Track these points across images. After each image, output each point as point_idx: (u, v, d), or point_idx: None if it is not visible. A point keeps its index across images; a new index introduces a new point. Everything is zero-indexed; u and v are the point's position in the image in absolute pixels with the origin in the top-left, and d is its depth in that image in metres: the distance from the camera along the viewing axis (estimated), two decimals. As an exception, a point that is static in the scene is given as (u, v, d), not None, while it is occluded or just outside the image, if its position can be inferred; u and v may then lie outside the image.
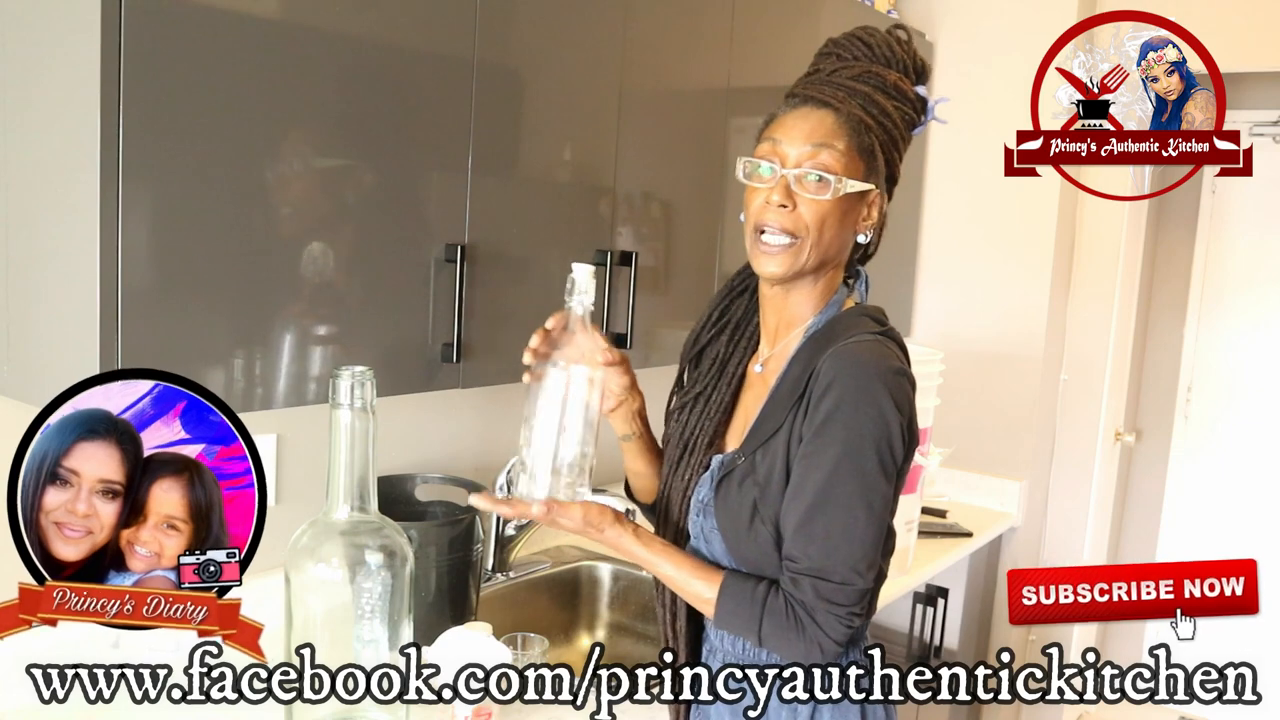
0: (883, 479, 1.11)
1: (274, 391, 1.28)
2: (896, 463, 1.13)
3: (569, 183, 1.67)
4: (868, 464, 1.10)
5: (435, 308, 1.47)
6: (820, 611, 1.11)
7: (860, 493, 1.10)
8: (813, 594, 1.11)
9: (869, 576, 1.12)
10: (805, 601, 1.12)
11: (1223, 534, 3.71)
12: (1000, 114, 2.87)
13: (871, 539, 1.12)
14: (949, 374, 3.00)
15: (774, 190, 1.15)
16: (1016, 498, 2.89)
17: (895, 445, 1.11)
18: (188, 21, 1.13)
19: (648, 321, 1.88)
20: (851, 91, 1.20)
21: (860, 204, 1.20)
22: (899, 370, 1.13)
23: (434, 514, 1.80)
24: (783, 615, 1.13)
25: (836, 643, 1.12)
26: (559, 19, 1.60)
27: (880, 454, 1.10)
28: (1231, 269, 3.65)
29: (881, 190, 1.22)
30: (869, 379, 1.11)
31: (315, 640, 1.24)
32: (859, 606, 1.12)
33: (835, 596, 1.11)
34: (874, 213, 1.22)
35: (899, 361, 1.15)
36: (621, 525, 1.19)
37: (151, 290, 1.14)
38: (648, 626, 2.01)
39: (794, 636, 1.13)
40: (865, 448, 1.10)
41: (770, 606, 1.14)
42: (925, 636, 2.47)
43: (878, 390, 1.10)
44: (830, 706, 1.20)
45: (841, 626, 1.12)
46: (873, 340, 1.15)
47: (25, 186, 1.19)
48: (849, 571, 1.11)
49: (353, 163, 1.33)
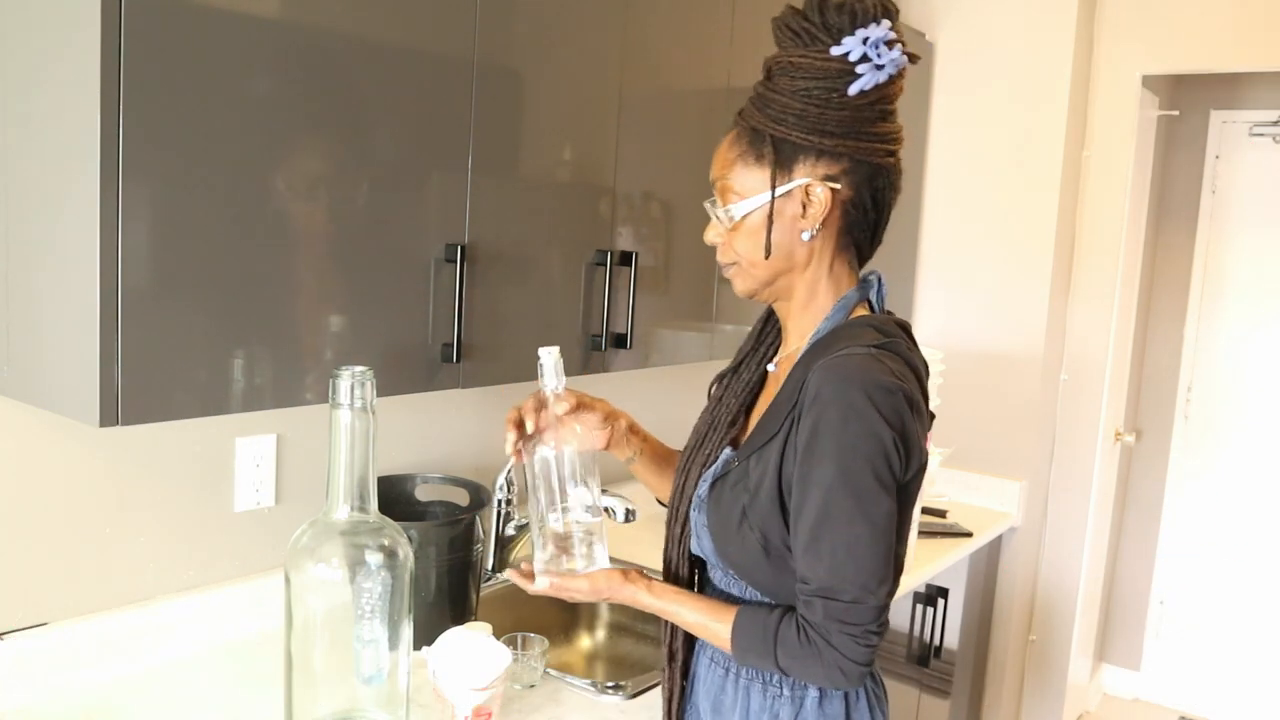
0: (882, 493, 1.08)
1: (274, 391, 1.28)
2: (895, 476, 1.10)
3: (569, 183, 1.67)
4: (863, 480, 1.07)
5: (435, 308, 1.47)
6: (834, 633, 1.09)
7: (859, 509, 1.08)
8: (824, 615, 1.09)
9: (881, 593, 1.09)
10: (817, 624, 1.10)
11: (1223, 534, 3.71)
12: (1000, 113, 2.89)
13: (880, 555, 1.09)
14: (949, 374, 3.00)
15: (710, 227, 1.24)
16: (1016, 498, 2.89)
17: (891, 459, 1.08)
18: (188, 21, 1.13)
19: (647, 321, 1.88)
20: (753, 97, 1.19)
21: (788, 205, 1.16)
22: (886, 386, 1.08)
23: (434, 514, 1.80)
24: (796, 644, 1.11)
25: (857, 663, 1.09)
26: (559, 19, 1.60)
27: (875, 469, 1.08)
28: (1231, 269, 3.65)
29: (816, 182, 1.15)
30: (853, 394, 1.07)
31: (315, 640, 1.24)
32: (874, 625, 1.09)
33: (848, 616, 1.09)
34: (811, 207, 1.16)
35: (890, 377, 1.09)
36: (634, 584, 1.21)
37: (151, 290, 1.14)
38: (647, 626, 2.01)
39: (813, 664, 1.11)
40: (859, 464, 1.07)
41: (782, 636, 1.12)
42: (925, 636, 2.47)
43: (862, 405, 1.07)
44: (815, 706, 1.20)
45: (858, 647, 1.09)
46: (864, 354, 1.11)
47: (25, 186, 1.19)
48: (859, 590, 1.08)
49: (353, 162, 1.33)
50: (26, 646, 1.39)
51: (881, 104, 1.15)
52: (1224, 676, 3.75)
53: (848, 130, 1.13)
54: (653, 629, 2.01)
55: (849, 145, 1.14)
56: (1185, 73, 2.85)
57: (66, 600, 1.45)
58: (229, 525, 1.64)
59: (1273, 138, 3.55)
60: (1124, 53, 2.84)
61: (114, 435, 1.48)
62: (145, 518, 1.53)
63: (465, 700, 1.33)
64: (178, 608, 1.56)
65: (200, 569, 1.61)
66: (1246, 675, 3.70)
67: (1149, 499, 3.84)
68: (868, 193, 1.17)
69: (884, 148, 1.16)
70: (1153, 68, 2.83)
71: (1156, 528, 3.83)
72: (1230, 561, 3.70)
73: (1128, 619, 3.89)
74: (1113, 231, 2.90)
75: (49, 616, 1.44)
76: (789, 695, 1.20)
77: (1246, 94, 3.59)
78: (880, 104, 1.15)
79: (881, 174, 1.17)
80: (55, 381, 1.17)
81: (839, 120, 1.13)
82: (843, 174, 1.15)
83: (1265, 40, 2.62)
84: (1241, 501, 3.67)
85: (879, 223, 1.21)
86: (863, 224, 1.19)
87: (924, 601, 2.44)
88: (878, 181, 1.17)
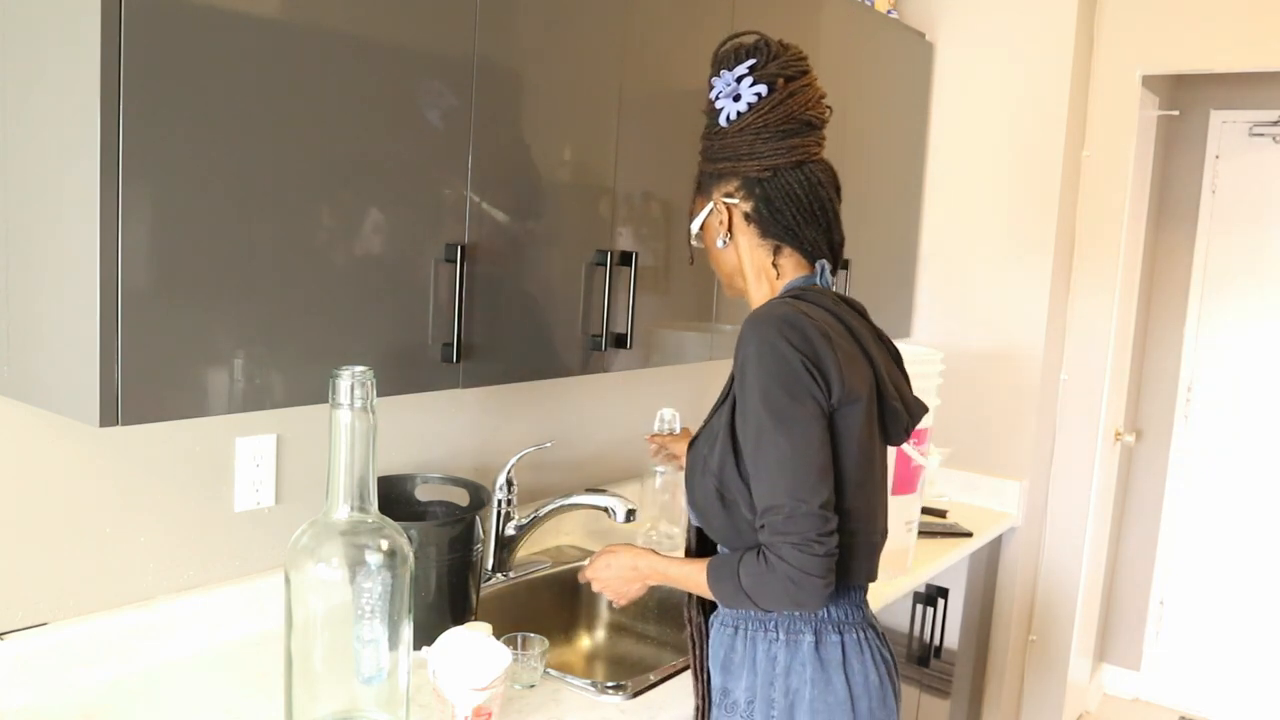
0: (799, 410, 1.23)
1: (274, 391, 1.28)
2: (814, 396, 1.24)
3: (569, 183, 1.67)
4: (780, 401, 1.23)
5: (435, 308, 1.47)
6: (780, 545, 1.22)
7: (780, 428, 1.22)
8: (769, 533, 1.23)
9: (814, 502, 1.22)
10: (766, 542, 1.24)
11: (1223, 534, 3.71)
12: (1000, 113, 2.89)
13: (808, 468, 1.23)
14: (949, 374, 3.00)
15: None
16: (1016, 498, 2.89)
17: (801, 377, 1.23)
18: (188, 21, 1.13)
19: (647, 321, 1.88)
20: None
21: (713, 220, 1.43)
22: (791, 320, 1.25)
23: (434, 514, 1.80)
24: (754, 564, 1.25)
25: (806, 573, 1.21)
26: (559, 19, 1.60)
27: (788, 388, 1.23)
28: (1231, 268, 3.65)
29: (719, 201, 1.40)
30: (764, 329, 1.25)
31: (315, 640, 1.24)
32: (814, 534, 1.21)
33: (787, 527, 1.22)
34: (721, 220, 1.41)
35: (791, 309, 1.27)
36: (640, 553, 1.46)
37: (151, 290, 1.14)
38: (647, 626, 2.01)
39: (769, 578, 1.23)
40: (773, 387, 1.23)
41: (744, 562, 1.27)
42: (925, 636, 2.47)
43: (773, 337, 1.24)
44: (804, 669, 1.33)
45: (803, 556, 1.21)
46: (778, 302, 1.31)
47: (25, 186, 1.19)
48: (792, 500, 1.22)
49: (352, 162, 1.33)
50: (26, 646, 1.39)
51: (764, 127, 1.35)
52: (1224, 676, 3.75)
53: (730, 154, 1.38)
54: (653, 629, 2.01)
55: (734, 166, 1.38)
56: (1185, 73, 2.85)
57: (66, 600, 1.45)
58: (229, 525, 1.64)
59: (1273, 138, 3.56)
60: (1124, 53, 2.84)
61: (114, 435, 1.48)
62: (145, 518, 1.53)
63: (465, 700, 1.33)
64: (178, 608, 1.56)
65: (200, 569, 1.61)
66: (1246, 675, 3.70)
67: (1149, 499, 3.84)
68: (761, 202, 1.37)
69: (766, 163, 1.35)
70: (1153, 68, 2.83)
71: (1156, 528, 3.83)
72: (1230, 561, 3.70)
73: (1128, 619, 3.89)
74: (1113, 231, 2.90)
75: (49, 616, 1.44)
76: (784, 639, 1.34)
77: (1246, 94, 3.59)
78: (764, 128, 1.35)
79: (769, 185, 1.36)
80: (55, 381, 1.17)
81: (724, 148, 1.38)
82: (737, 190, 1.39)
83: (1265, 40, 2.62)
84: (1241, 501, 3.67)
85: (796, 222, 1.37)
86: (774, 226, 1.38)
87: (924, 601, 2.44)
88: (769, 191, 1.36)
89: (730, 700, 1.39)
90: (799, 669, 1.33)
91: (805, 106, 1.36)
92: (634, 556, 1.46)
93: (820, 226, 1.39)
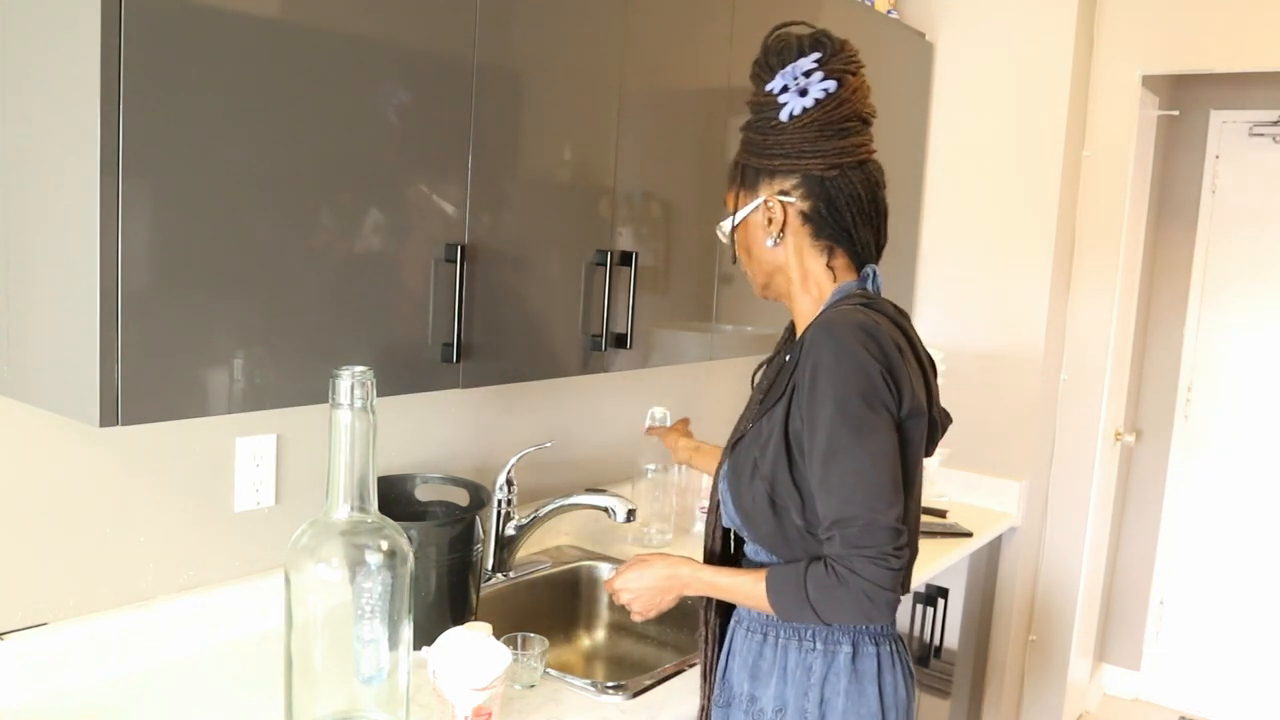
0: (878, 422, 1.20)
1: (274, 391, 1.28)
2: (888, 407, 1.21)
3: (569, 183, 1.67)
4: (859, 411, 1.19)
5: (435, 308, 1.47)
6: (854, 559, 1.18)
7: (858, 440, 1.19)
8: (842, 545, 1.19)
9: (890, 515, 1.18)
10: (838, 555, 1.20)
11: (1223, 534, 3.71)
12: (1000, 113, 2.89)
13: (884, 480, 1.19)
14: (949, 374, 3.00)
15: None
16: (1016, 498, 2.89)
17: (881, 391, 1.20)
18: (188, 21, 1.13)
19: (647, 321, 1.88)
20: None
21: (757, 218, 1.36)
22: (868, 328, 1.22)
23: (434, 514, 1.80)
24: (823, 577, 1.21)
25: (881, 587, 1.18)
26: (559, 19, 1.60)
27: (868, 400, 1.20)
28: (1231, 269, 3.65)
29: (771, 198, 1.34)
30: (839, 335, 1.22)
31: (315, 640, 1.24)
32: (890, 547, 1.18)
33: (863, 540, 1.18)
34: (772, 218, 1.35)
35: (867, 318, 1.24)
36: (681, 564, 1.39)
37: (151, 290, 1.14)
38: (647, 626, 2.01)
39: (841, 594, 1.20)
40: (851, 396, 1.20)
41: (811, 574, 1.22)
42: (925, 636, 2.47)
43: (851, 344, 1.21)
44: (838, 680, 1.30)
45: (878, 570, 1.17)
46: (850, 308, 1.27)
47: (25, 186, 1.19)
48: (868, 513, 1.18)
49: (352, 162, 1.33)
50: (26, 646, 1.39)
51: (829, 124, 1.30)
52: (1224, 676, 3.75)
53: (790, 151, 1.31)
54: (653, 629, 2.01)
55: (794, 164, 1.32)
56: (1185, 73, 2.85)
57: (66, 600, 1.45)
58: (229, 525, 1.64)
59: (1273, 138, 3.55)
60: (1124, 53, 2.84)
61: (114, 435, 1.48)
62: (145, 518, 1.53)
63: (465, 700, 1.33)
64: (177, 608, 1.56)
65: (200, 569, 1.61)
66: (1246, 675, 3.70)
67: (1149, 499, 3.83)
68: (822, 201, 1.32)
69: (831, 161, 1.30)
70: (1153, 68, 2.83)
71: (1156, 528, 3.83)
72: (1230, 561, 3.70)
73: (1128, 619, 3.89)
74: (1113, 231, 2.90)
75: (49, 616, 1.44)
76: (822, 649, 1.31)
77: (1246, 94, 3.59)
78: (828, 124, 1.30)
79: (832, 184, 1.31)
80: (55, 381, 1.17)
81: (781, 143, 1.32)
82: (794, 188, 1.33)
83: (1265, 40, 2.62)
84: (1241, 501, 3.67)
85: (854, 223, 1.33)
86: (831, 227, 1.34)
87: (924, 601, 2.44)
88: (830, 191, 1.32)
89: (757, 708, 1.36)
90: (834, 679, 1.31)
91: (865, 104, 1.34)
92: (672, 565, 1.39)
93: (873, 228, 1.36)
